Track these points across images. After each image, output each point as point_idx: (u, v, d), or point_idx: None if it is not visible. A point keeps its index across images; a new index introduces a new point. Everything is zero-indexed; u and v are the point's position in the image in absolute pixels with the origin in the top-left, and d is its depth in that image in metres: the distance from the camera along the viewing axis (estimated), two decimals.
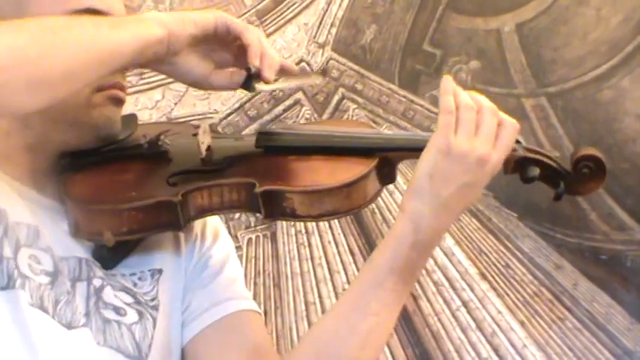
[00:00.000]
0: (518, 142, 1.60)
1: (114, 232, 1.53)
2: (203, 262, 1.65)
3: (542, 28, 2.74)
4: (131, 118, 1.67)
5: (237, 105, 2.97)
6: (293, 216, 1.54)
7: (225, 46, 1.56)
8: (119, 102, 1.60)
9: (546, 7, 2.73)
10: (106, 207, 1.55)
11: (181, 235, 1.64)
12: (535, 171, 1.58)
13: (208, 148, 1.60)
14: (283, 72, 1.57)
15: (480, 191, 1.58)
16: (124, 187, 1.58)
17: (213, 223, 1.69)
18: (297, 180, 1.57)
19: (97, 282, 1.55)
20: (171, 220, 1.54)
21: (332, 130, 1.64)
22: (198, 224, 1.66)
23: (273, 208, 1.54)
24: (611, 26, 2.66)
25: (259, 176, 1.55)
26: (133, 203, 1.53)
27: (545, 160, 1.60)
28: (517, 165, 1.59)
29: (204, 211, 1.57)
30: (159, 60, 1.51)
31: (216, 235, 1.69)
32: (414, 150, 1.57)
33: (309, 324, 2.81)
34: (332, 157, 1.59)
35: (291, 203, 1.53)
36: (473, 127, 1.51)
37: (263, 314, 2.69)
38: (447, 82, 1.55)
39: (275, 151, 1.61)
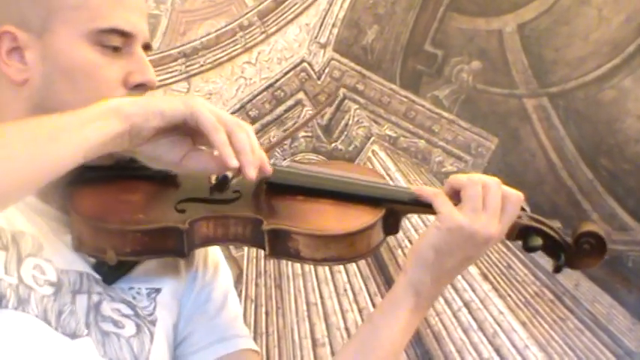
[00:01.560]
0: (522, 209, 1.61)
1: (117, 252, 1.52)
2: (206, 293, 1.66)
3: (544, 29, 2.74)
4: None
5: (238, 105, 2.98)
6: (297, 257, 1.55)
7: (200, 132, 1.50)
8: None
9: (548, 8, 2.73)
10: (112, 226, 1.53)
11: (182, 260, 1.64)
12: (538, 241, 1.60)
13: (216, 178, 1.58)
14: (261, 171, 1.51)
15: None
16: (131, 208, 1.57)
17: (214, 253, 1.70)
18: (305, 222, 1.56)
19: (95, 296, 1.55)
20: (176, 247, 1.53)
21: (342, 175, 1.64)
22: (199, 252, 1.66)
23: (277, 246, 1.54)
24: (613, 26, 2.66)
25: (267, 213, 1.55)
26: (139, 226, 1.52)
27: (548, 230, 1.61)
28: (520, 233, 1.61)
29: (208, 241, 1.57)
30: (121, 150, 1.48)
31: (217, 267, 1.69)
32: (421, 205, 1.59)
33: (311, 325, 2.81)
34: (340, 202, 1.60)
35: (297, 244, 1.53)
36: (480, 202, 1.54)
37: (264, 316, 2.68)
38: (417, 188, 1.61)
39: (284, 189, 1.61)
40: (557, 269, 1.62)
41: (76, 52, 1.53)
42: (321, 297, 2.84)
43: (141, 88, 1.55)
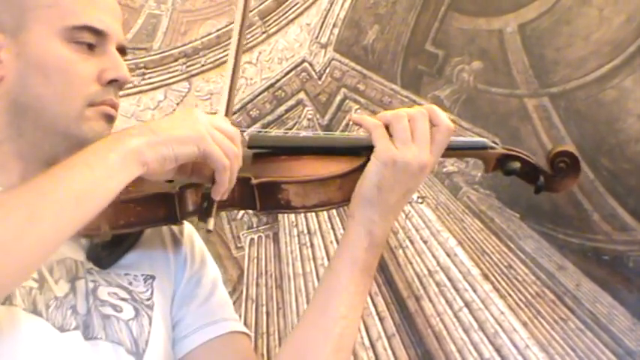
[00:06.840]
0: (496, 143, 1.70)
1: (111, 225, 1.55)
2: (195, 280, 1.70)
3: (545, 29, 2.74)
4: None
5: (239, 105, 2.98)
6: (287, 207, 1.60)
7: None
8: (110, 119, 1.61)
9: (549, 8, 2.73)
10: None
11: (170, 251, 1.69)
12: (516, 164, 1.69)
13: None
14: None
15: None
16: None
17: (200, 246, 1.74)
18: (292, 173, 1.62)
19: (91, 283, 1.58)
20: (169, 214, 1.57)
21: (320, 134, 1.70)
22: (186, 243, 1.71)
23: (268, 200, 1.59)
24: (614, 26, 2.66)
25: (254, 173, 1.60)
26: (131, 195, 1.55)
27: (524, 156, 1.70)
28: (498, 162, 1.69)
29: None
30: None
31: (203, 259, 1.73)
32: None
33: None
34: (322, 156, 1.65)
35: (287, 195, 1.58)
36: (408, 134, 1.61)
37: (265, 316, 2.68)
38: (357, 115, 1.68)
39: (267, 152, 1.66)
40: (537, 190, 1.71)
41: (50, 48, 1.56)
42: None
43: (115, 84, 1.59)
